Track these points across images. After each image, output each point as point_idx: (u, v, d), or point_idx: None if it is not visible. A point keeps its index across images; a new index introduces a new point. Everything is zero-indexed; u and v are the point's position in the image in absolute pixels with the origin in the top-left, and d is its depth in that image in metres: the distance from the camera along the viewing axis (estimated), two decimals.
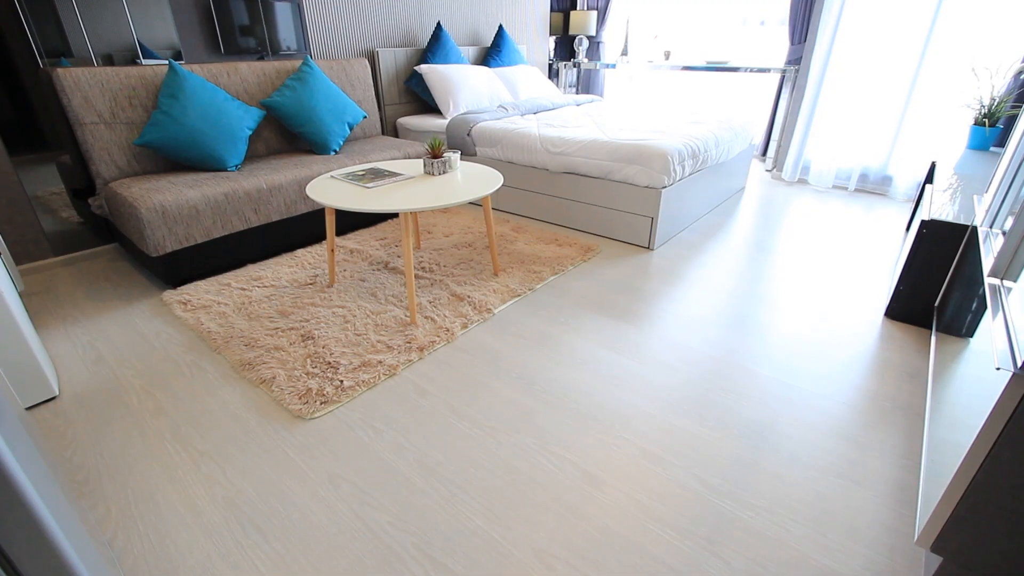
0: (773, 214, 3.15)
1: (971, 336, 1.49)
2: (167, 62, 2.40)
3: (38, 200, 2.38)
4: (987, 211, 1.53)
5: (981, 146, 2.85)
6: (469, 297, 2.05)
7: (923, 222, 1.80)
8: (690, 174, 2.69)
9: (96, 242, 2.57)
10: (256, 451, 1.34)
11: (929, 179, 2.72)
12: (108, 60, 2.42)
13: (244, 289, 2.13)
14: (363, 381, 1.57)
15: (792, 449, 1.34)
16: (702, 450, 1.34)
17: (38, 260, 2.41)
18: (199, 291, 2.12)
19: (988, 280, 1.09)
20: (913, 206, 2.94)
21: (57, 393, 1.55)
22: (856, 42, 3.46)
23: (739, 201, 3.39)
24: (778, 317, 1.99)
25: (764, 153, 4.41)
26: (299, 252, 2.50)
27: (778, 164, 3.97)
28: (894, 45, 3.32)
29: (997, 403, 0.82)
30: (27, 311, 1.83)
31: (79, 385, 1.60)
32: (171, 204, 2.05)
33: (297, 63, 2.86)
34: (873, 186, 3.67)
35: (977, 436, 0.85)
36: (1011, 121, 2.94)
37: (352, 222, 2.80)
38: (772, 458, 1.31)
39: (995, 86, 2.88)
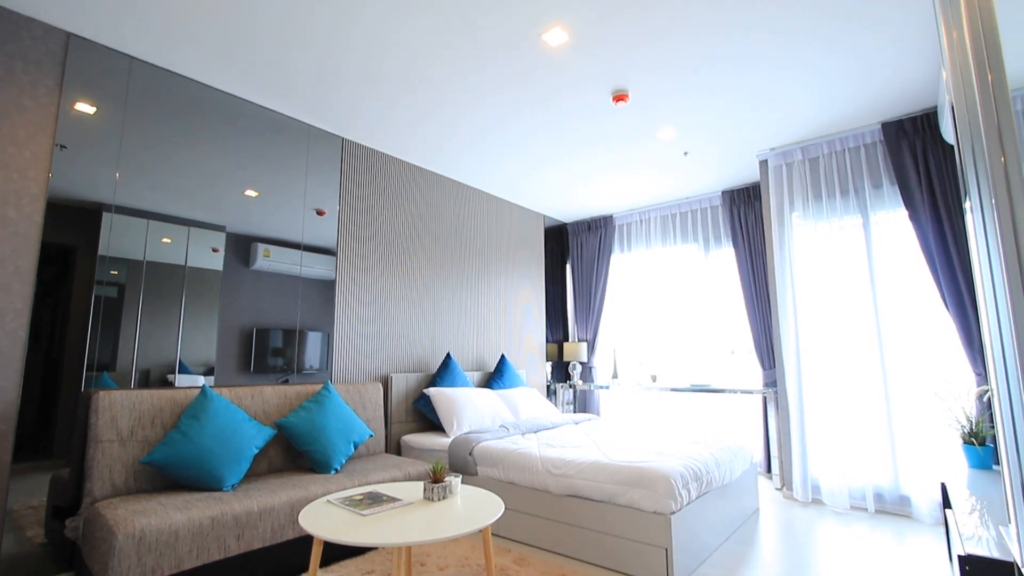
0: (798, 543, 2.89)
1: None
2: (201, 385, 2.64)
3: (12, 514, 2.25)
4: (1020, 546, 1.44)
5: (982, 465, 2.85)
6: None
7: (961, 558, 1.66)
8: (697, 497, 2.60)
9: (50, 570, 2.30)
10: None
11: (946, 502, 2.62)
12: (145, 374, 2.67)
13: None
14: None
15: None
16: None
17: None
18: None
19: None
20: (945, 532, 2.73)
21: None
22: (821, 367, 3.73)
23: (756, 525, 3.16)
24: None
25: (768, 470, 4.35)
26: None
27: (786, 483, 3.87)
28: (855, 370, 3.62)
29: None
30: None
31: None
32: (151, 529, 1.93)
33: (318, 386, 3.14)
34: (893, 507, 3.48)
35: None
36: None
37: (342, 549, 2.56)
38: None
39: (965, 408, 3.08)
